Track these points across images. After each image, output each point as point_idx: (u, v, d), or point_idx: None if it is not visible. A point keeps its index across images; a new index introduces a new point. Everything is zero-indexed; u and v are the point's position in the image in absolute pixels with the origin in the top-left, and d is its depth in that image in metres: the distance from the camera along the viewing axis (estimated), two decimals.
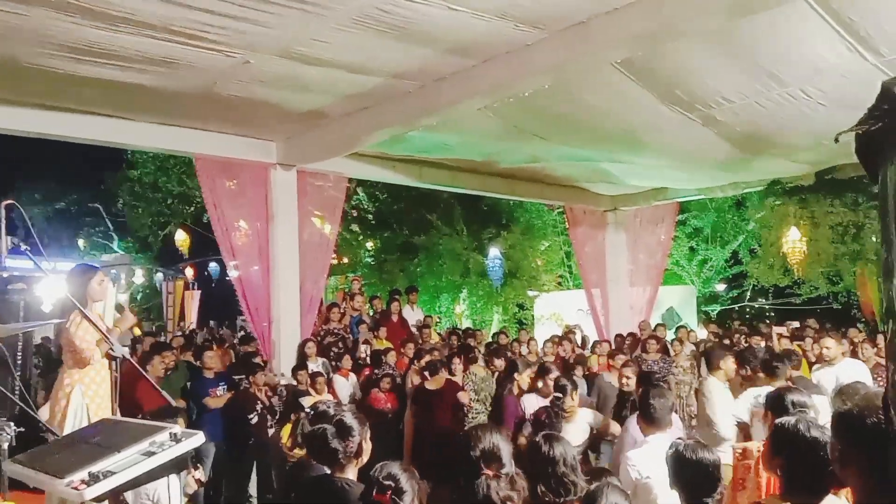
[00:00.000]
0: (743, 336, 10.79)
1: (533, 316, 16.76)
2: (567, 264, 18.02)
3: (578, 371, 8.44)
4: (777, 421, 2.48)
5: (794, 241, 10.41)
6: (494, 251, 16.24)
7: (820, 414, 3.40)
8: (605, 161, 8.85)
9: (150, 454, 2.20)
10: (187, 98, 6.36)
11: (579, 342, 11.18)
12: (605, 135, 7.50)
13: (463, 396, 7.20)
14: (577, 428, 5.35)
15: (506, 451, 2.47)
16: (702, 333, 12.53)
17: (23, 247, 3.41)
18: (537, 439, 2.75)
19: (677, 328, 11.69)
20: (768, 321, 15.77)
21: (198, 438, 2.34)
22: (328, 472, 2.96)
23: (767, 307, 19.19)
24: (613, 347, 10.54)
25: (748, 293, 19.47)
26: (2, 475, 3.53)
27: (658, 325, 11.53)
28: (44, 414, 4.95)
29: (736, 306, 19.67)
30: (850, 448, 1.67)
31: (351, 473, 2.98)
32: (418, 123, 6.82)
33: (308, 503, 3.06)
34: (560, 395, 5.23)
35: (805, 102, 6.25)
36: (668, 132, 7.24)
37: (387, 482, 2.40)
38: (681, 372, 8.44)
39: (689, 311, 14.76)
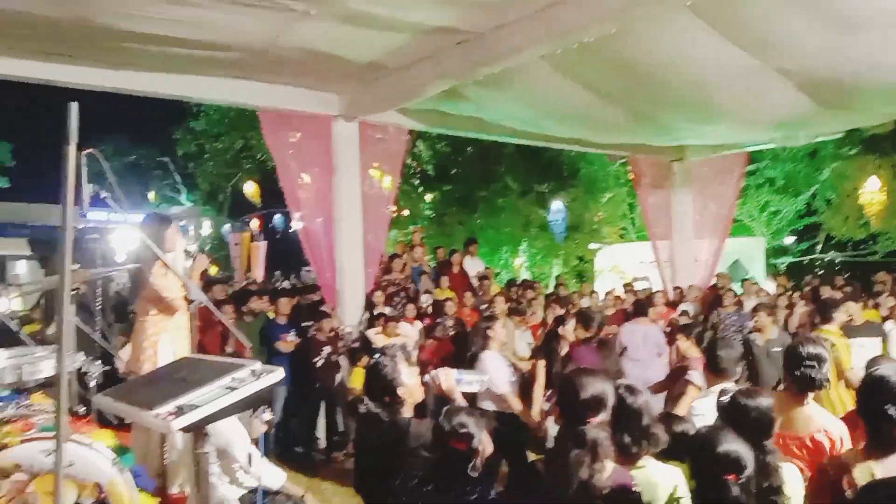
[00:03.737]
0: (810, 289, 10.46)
1: (593, 269, 16.64)
2: (630, 216, 17.74)
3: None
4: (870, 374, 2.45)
5: (872, 192, 9.96)
6: (557, 204, 16.11)
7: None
8: (670, 120, 8.59)
9: (231, 389, 2.31)
10: (250, 51, 6.45)
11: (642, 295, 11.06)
12: (673, 89, 7.25)
13: None
14: None
15: (611, 396, 2.44)
16: (770, 287, 12.22)
17: (103, 195, 3.53)
18: (620, 391, 2.75)
19: (743, 281, 11.45)
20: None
21: (277, 374, 2.44)
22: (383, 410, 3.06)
23: (840, 260, 18.55)
24: (672, 299, 10.45)
25: (819, 246, 18.84)
26: (92, 409, 3.78)
27: (719, 276, 11.32)
28: (125, 356, 5.22)
29: (806, 259, 19.08)
30: None
31: (407, 412, 3.07)
32: (478, 73, 6.73)
33: (373, 441, 3.15)
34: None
35: (888, 50, 5.90)
36: (741, 84, 6.93)
37: (462, 430, 2.45)
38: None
39: (757, 264, 14.39)
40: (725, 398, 3.05)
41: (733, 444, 2.20)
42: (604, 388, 2.39)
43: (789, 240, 19.23)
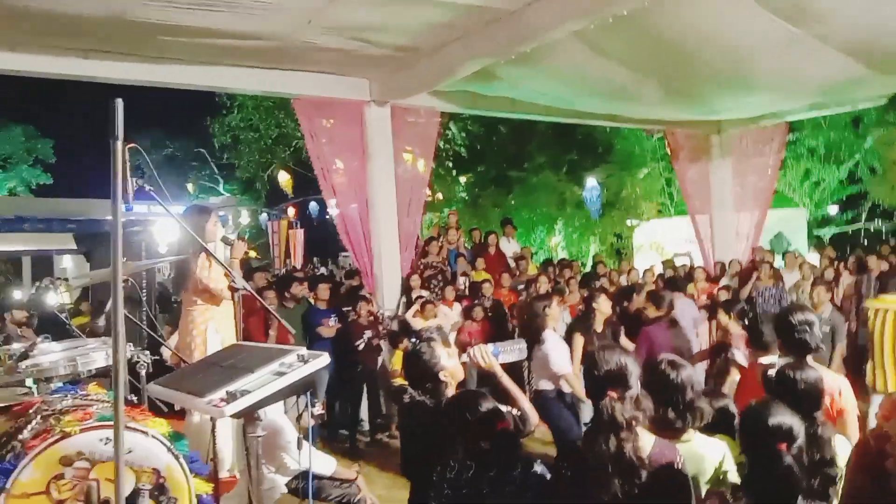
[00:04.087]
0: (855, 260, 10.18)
1: (631, 245, 16.46)
2: (668, 191, 17.48)
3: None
4: None
5: None
6: (591, 181, 15.93)
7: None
8: (707, 94, 8.41)
9: (280, 374, 2.36)
10: (282, 39, 6.48)
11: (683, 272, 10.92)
12: (709, 62, 7.09)
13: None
14: None
15: (633, 373, 2.42)
16: (813, 258, 11.96)
17: (147, 188, 3.59)
18: (662, 366, 2.73)
19: (784, 254, 11.23)
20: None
21: (323, 359, 2.48)
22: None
23: (886, 229, 18.07)
24: (713, 274, 10.31)
25: (864, 215, 18.37)
26: (144, 398, 3.89)
27: (765, 251, 11.13)
28: (172, 345, 5.34)
29: (850, 229, 18.63)
30: None
31: (451, 394, 3.09)
32: (511, 52, 6.66)
33: (418, 427, 3.16)
34: None
35: None
36: (779, 52, 6.74)
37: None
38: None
39: (800, 236, 14.09)
40: (773, 371, 3.04)
41: (784, 416, 2.18)
42: (624, 362, 2.39)
43: (833, 210, 18.77)
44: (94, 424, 2.73)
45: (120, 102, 1.92)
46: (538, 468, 2.55)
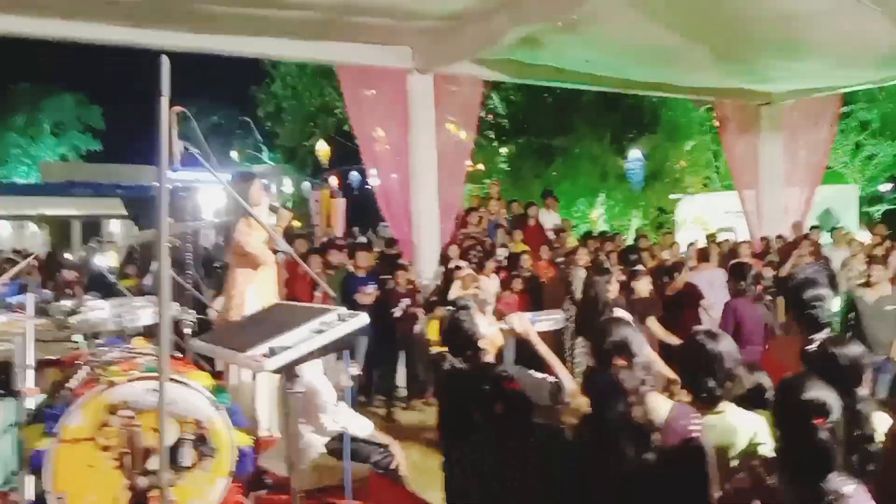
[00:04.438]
0: None
1: (674, 220, 16.18)
2: (715, 164, 17.10)
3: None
4: None
5: None
6: (635, 153, 15.64)
7: None
8: (759, 59, 8.16)
9: (320, 332, 2.41)
10: (326, 8, 6.49)
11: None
12: (761, 25, 6.87)
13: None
14: None
15: (636, 341, 2.57)
16: (864, 236, 11.61)
17: (193, 150, 3.64)
18: (699, 337, 2.73)
19: (832, 230, 10.93)
20: None
21: (362, 319, 2.52)
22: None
23: None
24: (759, 250, 10.08)
25: None
26: (185, 353, 4.01)
27: (813, 227, 10.84)
28: (217, 307, 5.48)
29: None
30: None
31: (489, 360, 3.11)
32: (557, 18, 6.56)
33: (457, 394, 3.19)
34: None
35: None
36: (835, 18, 6.52)
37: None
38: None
39: (850, 213, 13.69)
40: (813, 346, 3.01)
41: (819, 390, 2.15)
42: (627, 333, 2.58)
43: (885, 187, 18.16)
44: (139, 375, 2.83)
45: (166, 60, 1.96)
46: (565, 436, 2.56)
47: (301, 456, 3.90)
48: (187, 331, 4.07)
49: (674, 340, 5.74)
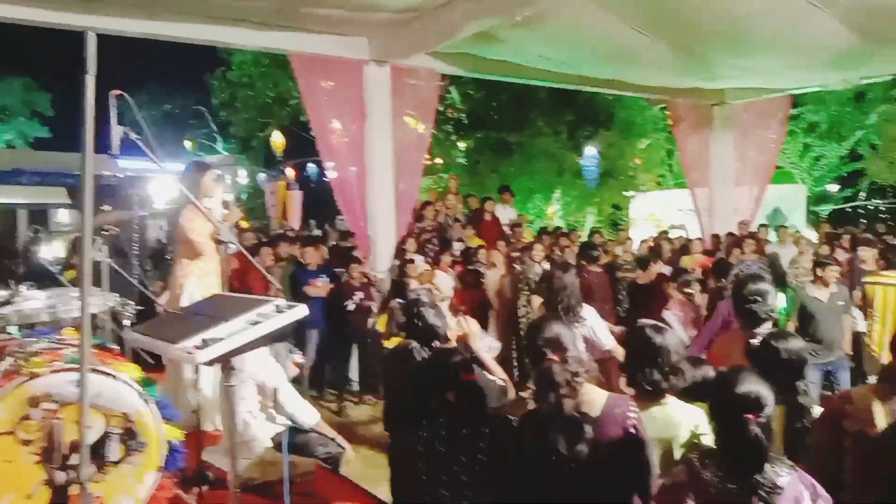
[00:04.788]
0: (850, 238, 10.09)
1: (628, 217, 16.40)
2: (668, 163, 17.37)
3: None
4: None
5: None
6: (591, 150, 15.79)
7: None
8: (711, 55, 8.27)
9: (255, 323, 2.34)
10: None
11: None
12: (712, 20, 6.96)
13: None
14: None
15: (568, 337, 2.60)
16: (811, 235, 11.92)
17: (133, 136, 3.52)
18: (645, 330, 2.77)
19: (777, 227, 11.20)
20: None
21: (300, 310, 2.46)
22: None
23: (884, 208, 18.02)
24: (709, 248, 10.28)
25: (863, 193, 18.29)
26: (124, 345, 3.89)
27: (761, 225, 11.10)
28: (163, 301, 5.36)
29: (848, 206, 18.56)
30: None
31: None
32: (515, 13, 6.53)
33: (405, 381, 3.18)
34: None
35: None
36: (780, 19, 6.64)
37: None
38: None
39: (798, 212, 14.04)
40: (756, 340, 3.06)
41: (753, 384, 2.17)
42: (560, 331, 2.62)
43: (833, 187, 18.69)
44: (62, 366, 2.71)
45: (93, 36, 1.86)
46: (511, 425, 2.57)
47: (245, 450, 3.81)
48: (126, 322, 3.95)
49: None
